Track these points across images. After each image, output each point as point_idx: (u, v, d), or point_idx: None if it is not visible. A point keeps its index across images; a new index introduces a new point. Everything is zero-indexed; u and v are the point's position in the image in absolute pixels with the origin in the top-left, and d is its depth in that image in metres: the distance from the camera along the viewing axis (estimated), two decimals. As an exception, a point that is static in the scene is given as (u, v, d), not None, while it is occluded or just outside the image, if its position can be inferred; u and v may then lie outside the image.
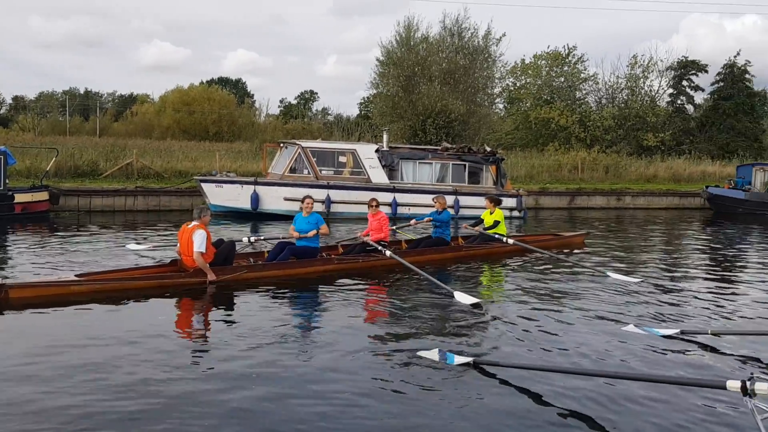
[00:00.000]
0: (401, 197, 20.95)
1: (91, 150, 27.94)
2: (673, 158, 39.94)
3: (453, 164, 22.12)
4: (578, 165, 33.59)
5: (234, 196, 20.39)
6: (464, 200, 21.26)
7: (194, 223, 9.36)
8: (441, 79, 35.50)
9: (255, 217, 20.10)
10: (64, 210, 20.24)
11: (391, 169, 21.58)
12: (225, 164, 26.94)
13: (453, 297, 8.52)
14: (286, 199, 20.36)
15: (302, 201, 10.64)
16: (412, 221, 12.93)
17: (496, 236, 12.65)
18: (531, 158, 36.03)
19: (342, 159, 21.31)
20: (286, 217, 20.17)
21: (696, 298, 9.19)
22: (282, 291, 9.10)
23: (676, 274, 11.10)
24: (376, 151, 21.55)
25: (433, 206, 12.55)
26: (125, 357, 6.04)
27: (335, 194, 20.47)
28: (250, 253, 10.88)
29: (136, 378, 5.50)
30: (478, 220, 13.32)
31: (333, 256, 10.87)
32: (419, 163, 21.86)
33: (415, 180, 21.79)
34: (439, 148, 23.02)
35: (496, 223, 12.91)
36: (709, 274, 11.35)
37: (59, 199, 19.90)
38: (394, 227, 13.34)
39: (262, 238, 11.46)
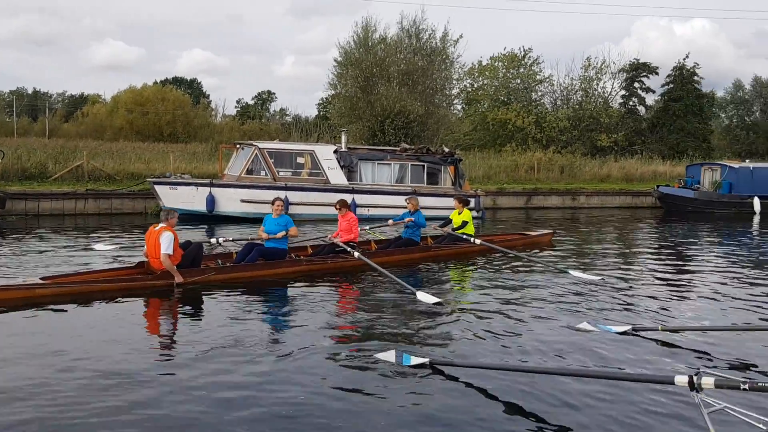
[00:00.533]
0: (360, 198, 20.95)
1: (40, 152, 27.11)
2: (625, 158, 40.99)
3: (412, 165, 22.24)
4: (535, 165, 34.16)
5: (189, 198, 20.07)
6: (423, 201, 21.30)
7: (161, 225, 9.36)
8: (399, 80, 35.65)
9: (211, 219, 19.85)
10: (11, 214, 19.63)
11: (349, 170, 21.56)
12: (180, 166, 26.49)
13: (416, 297, 8.63)
14: (243, 201, 20.17)
15: (272, 203, 10.73)
16: (390, 221, 13.01)
17: (464, 236, 12.79)
18: (489, 159, 36.46)
19: (300, 160, 21.21)
20: (242, 220, 19.93)
21: (648, 296, 9.44)
22: (249, 293, 9.11)
23: (630, 272, 11.40)
24: (335, 152, 21.53)
25: (406, 207, 12.67)
26: (88, 361, 6.01)
27: (293, 196, 20.35)
28: (218, 255, 10.93)
29: (96, 384, 5.49)
30: (447, 221, 13.43)
31: (302, 257, 10.94)
32: (378, 164, 21.93)
33: (374, 181, 21.84)
34: (398, 149, 23.11)
35: (464, 224, 13.06)
36: (661, 271, 11.68)
37: (5, 202, 19.24)
38: (367, 227, 13.50)
39: (230, 239, 11.54)
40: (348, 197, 20.79)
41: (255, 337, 6.89)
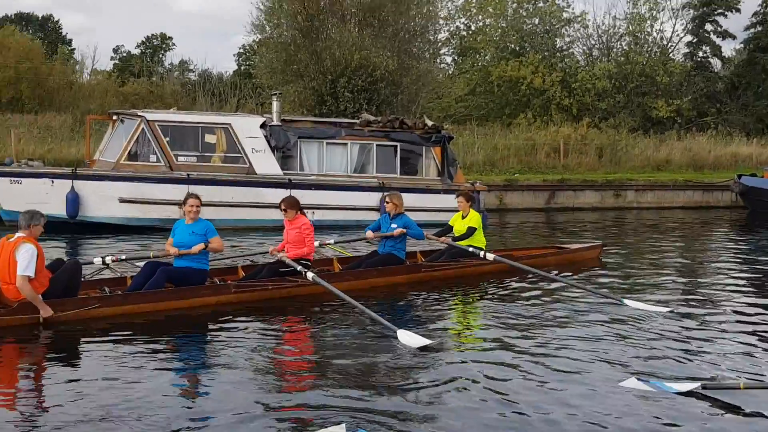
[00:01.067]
0: (301, 196, 20.82)
1: None
2: (692, 135, 41.74)
3: (378, 146, 22.37)
4: (560, 146, 34.57)
5: (40, 196, 19.72)
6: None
7: (19, 234, 9.42)
8: (359, 19, 35.72)
9: (73, 228, 19.64)
10: None
11: (284, 154, 21.60)
12: (27, 148, 26.12)
13: (396, 338, 8.85)
14: (123, 201, 20.08)
15: (184, 202, 10.95)
16: (368, 233, 12.98)
17: (471, 249, 13.03)
18: (493, 136, 36.81)
19: (210, 139, 21.16)
20: (122, 229, 19.68)
21: (727, 338, 9.52)
22: (150, 334, 9.22)
23: (701, 304, 11.49)
24: (263, 126, 21.56)
25: (381, 209, 12.76)
26: None
27: (200, 192, 20.18)
28: (105, 280, 11.18)
29: None
30: (446, 228, 13.73)
31: (230, 281, 11.16)
32: (327, 144, 22.00)
33: (321, 169, 21.91)
34: (358, 122, 23.17)
35: (471, 232, 13.30)
36: (746, 303, 11.78)
37: None
38: (329, 241, 14.04)
39: (122, 257, 11.69)
40: (282, 194, 20.76)
41: (154, 405, 6.84)
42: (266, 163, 21.27)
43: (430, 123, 23.30)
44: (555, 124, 39.68)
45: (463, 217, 13.51)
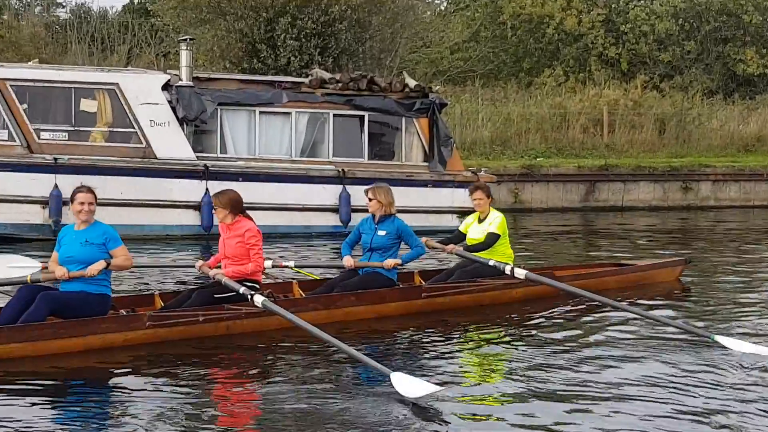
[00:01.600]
0: (222, 188, 20.88)
1: None
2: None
3: (336, 116, 22.49)
4: (603, 116, 34.81)
5: None
6: (362, 193, 21.53)
7: None
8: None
9: None
10: None
11: (198, 128, 21.73)
12: None
13: (390, 384, 8.93)
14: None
15: (71, 200, 10.96)
16: (347, 260, 12.77)
17: (493, 263, 13.12)
18: (505, 103, 36.89)
19: (88, 106, 21.16)
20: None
21: None
22: (26, 388, 9.16)
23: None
24: (166, 87, 21.60)
25: (366, 208, 13.01)
26: None
27: (73, 186, 20.09)
28: None
29: None
30: (455, 235, 13.93)
31: (142, 312, 11.15)
32: (261, 113, 22.09)
33: (252, 151, 22.03)
34: (307, 81, 23.25)
35: (493, 240, 13.39)
36: None
37: None
38: (290, 264, 13.96)
39: None
40: (195, 187, 20.93)
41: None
42: (171, 142, 21.25)
43: (412, 83, 23.35)
44: (596, 84, 39.79)
45: (481, 220, 13.57)
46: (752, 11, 44.94)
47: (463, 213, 22.50)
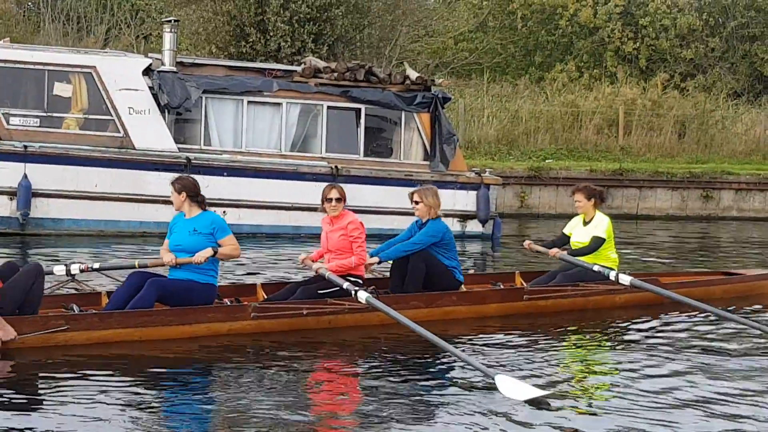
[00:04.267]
0: (207, 184, 20.64)
1: None
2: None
3: (330, 108, 22.49)
4: (620, 117, 34.85)
5: None
6: (358, 192, 21.48)
7: None
8: None
9: None
10: None
11: (181, 118, 21.77)
12: None
13: (495, 385, 9.39)
14: None
15: (172, 185, 11.78)
16: (372, 262, 13.05)
17: (597, 269, 13.55)
18: (513, 99, 36.92)
19: (62, 90, 21.15)
20: None
21: None
22: (135, 372, 9.99)
23: None
24: (147, 72, 21.62)
25: (411, 211, 13.21)
26: None
27: (44, 176, 20.35)
28: (71, 296, 11.92)
29: None
30: (559, 238, 14.52)
31: (247, 303, 11.96)
32: (249, 103, 22.09)
33: (238, 144, 22.04)
34: (299, 69, 23.25)
35: (598, 244, 13.86)
36: None
37: None
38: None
39: (95, 266, 12.32)
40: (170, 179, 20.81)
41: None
42: (151, 132, 21.23)
43: (414, 75, 23.35)
44: (612, 81, 39.88)
45: (586, 223, 14.03)
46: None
47: (464, 216, 22.53)
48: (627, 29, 44.02)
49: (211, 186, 20.47)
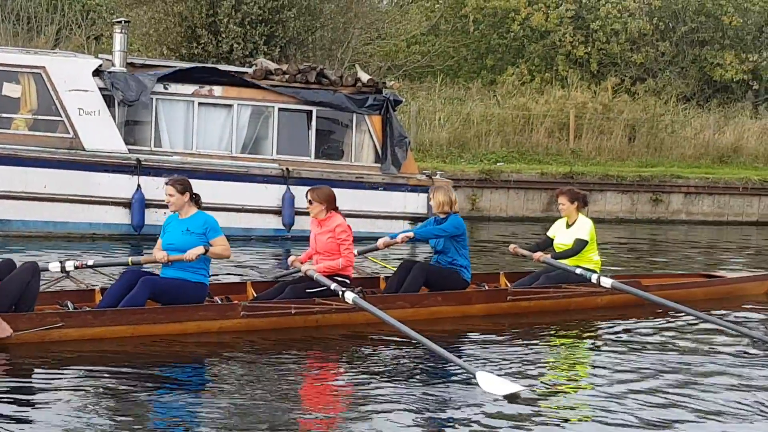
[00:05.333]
0: (157, 186, 20.72)
1: None
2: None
3: (282, 110, 22.51)
4: (571, 120, 35.01)
5: None
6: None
7: None
8: None
9: None
10: None
11: (131, 118, 21.67)
12: None
13: (475, 382, 9.84)
14: None
15: (167, 186, 12.25)
16: (399, 236, 14.02)
17: (579, 271, 14.04)
18: (465, 102, 37.00)
19: (11, 90, 21.05)
20: None
21: None
22: (127, 368, 10.32)
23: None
24: (97, 73, 21.52)
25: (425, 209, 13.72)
26: None
27: (-7, 176, 20.19)
28: (66, 293, 12.37)
29: None
30: (543, 241, 15.04)
31: (237, 302, 12.45)
32: (200, 104, 22.05)
33: (189, 145, 22.00)
34: (251, 71, 23.26)
35: (581, 246, 14.34)
36: None
37: None
38: (365, 252, 15.05)
39: (90, 263, 12.60)
40: (127, 182, 20.87)
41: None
42: (101, 133, 21.13)
43: (365, 77, 23.40)
44: (563, 85, 40.02)
45: (569, 225, 14.47)
46: (732, 13, 45.23)
47: (416, 219, 22.56)
48: (578, 33, 44.15)
49: (161, 188, 20.33)
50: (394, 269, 14.34)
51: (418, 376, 10.33)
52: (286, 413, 8.87)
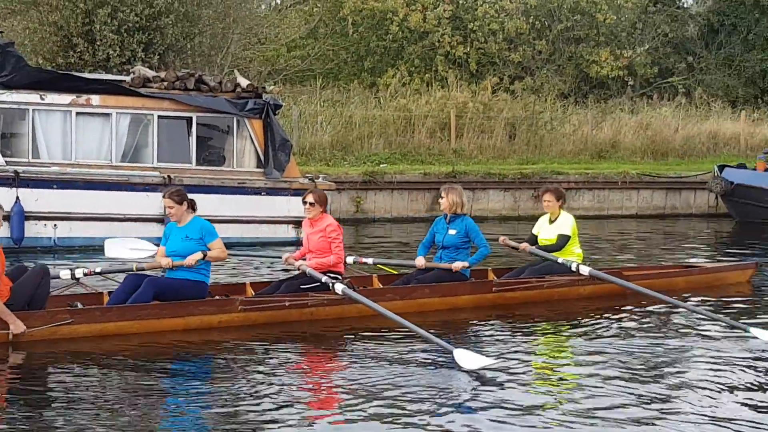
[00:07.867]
0: (37, 197, 20.75)
1: None
2: (651, 105, 42.99)
3: (161, 117, 22.29)
4: (451, 120, 35.14)
5: None
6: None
7: None
8: None
9: None
10: None
11: (8, 130, 21.42)
12: None
13: (451, 358, 11.00)
14: None
15: (164, 197, 13.21)
16: (419, 260, 14.80)
17: (561, 261, 15.14)
18: (346, 105, 36.96)
19: None
20: None
21: None
22: (133, 360, 11.38)
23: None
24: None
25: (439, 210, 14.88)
26: None
27: None
28: (76, 295, 13.35)
29: None
30: (530, 237, 16.07)
31: (235, 297, 13.45)
32: (78, 114, 21.76)
33: (68, 155, 21.68)
34: (128, 79, 23.02)
35: (564, 242, 15.39)
36: None
37: None
38: (369, 261, 16.06)
39: (98, 270, 13.63)
40: (5, 194, 20.34)
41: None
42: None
43: (244, 83, 23.24)
44: (443, 85, 40.11)
45: (552, 222, 15.56)
46: (606, 10, 45.82)
47: (298, 223, 22.56)
48: (456, 34, 44.44)
49: (41, 199, 20.21)
50: (390, 270, 15.78)
51: (401, 359, 11.37)
52: (281, 400, 9.62)
